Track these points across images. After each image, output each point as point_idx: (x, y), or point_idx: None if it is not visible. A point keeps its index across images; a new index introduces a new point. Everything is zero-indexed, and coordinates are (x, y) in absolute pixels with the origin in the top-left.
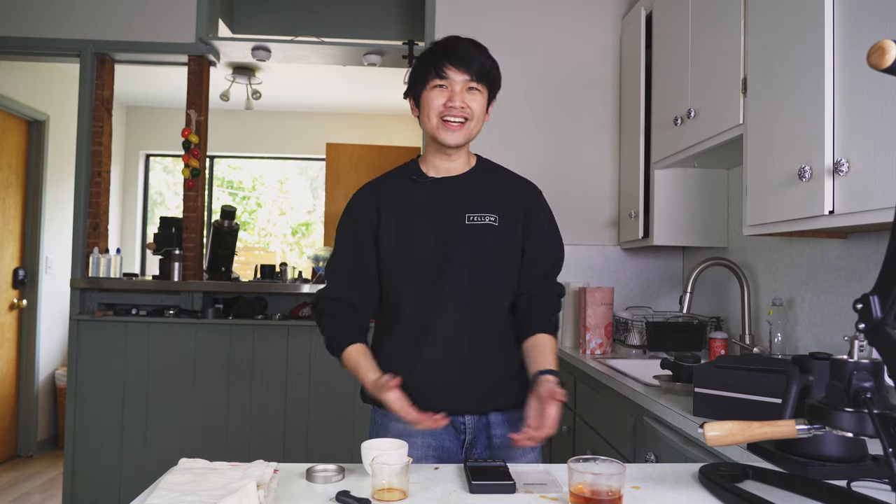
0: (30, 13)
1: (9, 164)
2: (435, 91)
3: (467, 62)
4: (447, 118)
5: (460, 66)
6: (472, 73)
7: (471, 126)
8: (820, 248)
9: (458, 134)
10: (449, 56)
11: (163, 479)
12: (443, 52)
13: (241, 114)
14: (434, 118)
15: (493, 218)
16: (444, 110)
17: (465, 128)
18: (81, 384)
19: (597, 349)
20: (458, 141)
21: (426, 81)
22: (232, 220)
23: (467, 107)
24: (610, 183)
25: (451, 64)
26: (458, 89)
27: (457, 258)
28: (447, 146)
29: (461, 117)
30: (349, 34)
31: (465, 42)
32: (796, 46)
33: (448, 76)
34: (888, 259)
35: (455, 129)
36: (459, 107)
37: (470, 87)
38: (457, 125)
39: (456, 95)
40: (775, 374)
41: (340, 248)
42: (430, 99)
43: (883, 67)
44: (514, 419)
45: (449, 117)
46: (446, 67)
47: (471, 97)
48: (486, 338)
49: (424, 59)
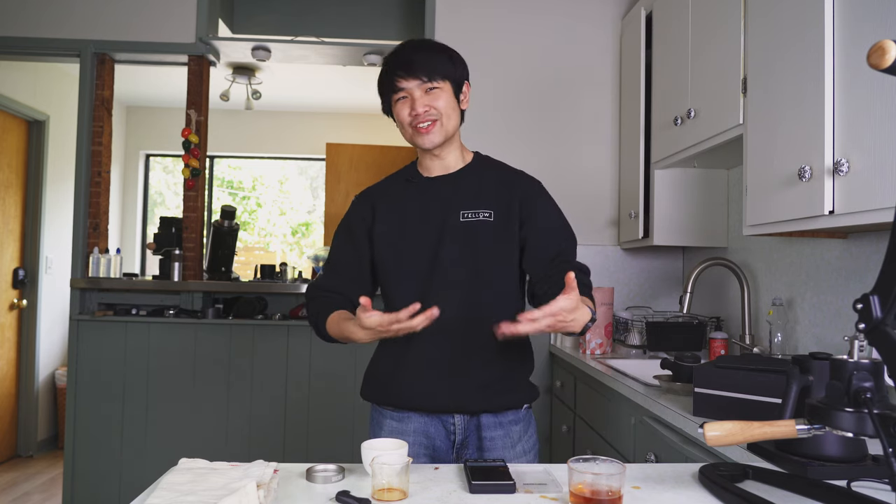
0: (30, 13)
1: (9, 164)
2: (399, 104)
3: (414, 68)
4: (417, 125)
5: (408, 73)
6: (423, 76)
7: (444, 123)
8: (820, 248)
9: (432, 135)
10: (397, 67)
11: (163, 479)
12: (393, 65)
13: (241, 114)
14: (407, 128)
15: (489, 214)
16: (411, 119)
17: (438, 126)
18: (81, 384)
19: (597, 349)
20: (436, 140)
21: (388, 97)
22: (232, 220)
23: (431, 108)
24: (610, 183)
25: (400, 74)
26: (418, 95)
27: (449, 256)
28: (427, 148)
29: (428, 120)
30: (349, 34)
31: (411, 47)
32: (796, 47)
33: (403, 87)
34: (888, 259)
35: (427, 131)
36: (423, 111)
37: (429, 89)
38: (427, 126)
39: (417, 102)
40: (775, 374)
41: (335, 245)
42: (398, 112)
43: (883, 67)
44: (508, 421)
45: (417, 123)
46: (397, 79)
47: (432, 97)
48: (480, 337)
49: (380, 77)
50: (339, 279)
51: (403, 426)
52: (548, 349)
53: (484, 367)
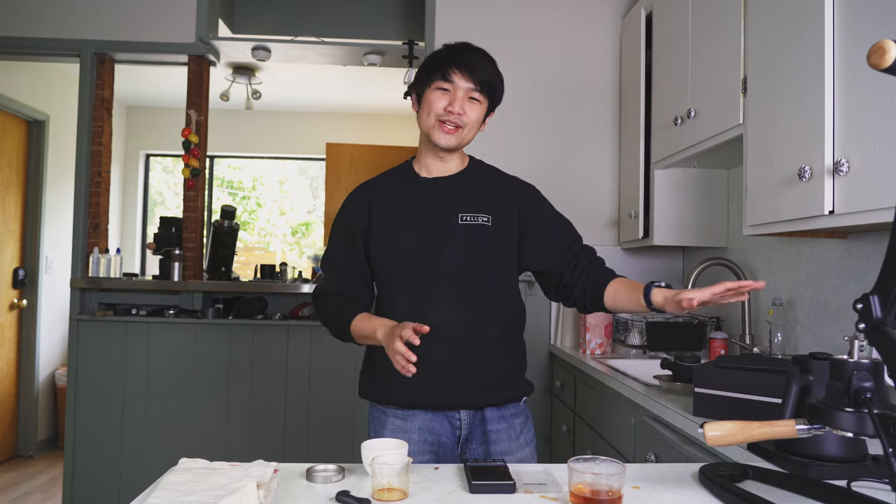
0: (29, 13)
1: (9, 164)
2: (437, 93)
3: (473, 70)
4: (443, 120)
5: (466, 72)
6: (477, 82)
7: (464, 133)
8: (820, 248)
9: (450, 137)
10: (456, 61)
11: (163, 479)
12: (451, 56)
13: (241, 114)
14: (432, 118)
15: (486, 218)
16: (442, 113)
17: (458, 133)
18: (81, 384)
19: (597, 349)
20: (450, 144)
21: (431, 81)
22: (232, 220)
23: (465, 114)
24: (610, 183)
25: (457, 69)
26: (461, 95)
27: (450, 257)
28: (438, 147)
29: (456, 123)
30: (349, 34)
31: (476, 51)
32: (796, 46)
33: (453, 80)
34: (888, 259)
35: (449, 132)
36: (458, 112)
37: (471, 97)
38: (451, 129)
39: (457, 101)
40: (775, 374)
41: (334, 245)
42: (431, 99)
43: (883, 67)
44: (510, 414)
45: (446, 120)
46: (452, 72)
47: (470, 106)
48: (481, 335)
49: (433, 59)
50: (346, 282)
51: (408, 424)
52: (548, 349)
53: (486, 364)
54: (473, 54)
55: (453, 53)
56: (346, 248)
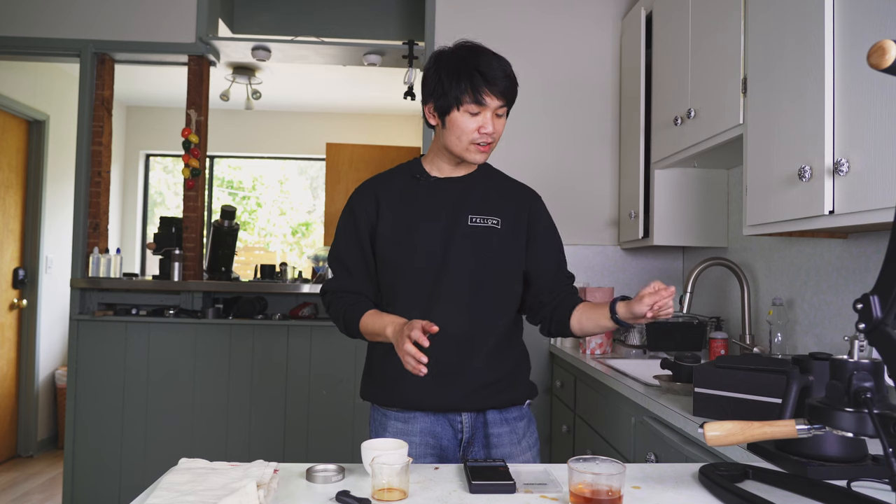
0: (29, 13)
1: (9, 164)
2: (469, 115)
3: (503, 88)
4: (478, 142)
5: (497, 93)
6: (505, 98)
7: (493, 146)
8: (820, 248)
9: (485, 155)
10: (487, 81)
11: (163, 479)
12: (481, 76)
13: (241, 114)
14: (465, 142)
15: (496, 221)
16: (477, 136)
17: (490, 148)
18: (81, 384)
19: (597, 349)
20: (485, 160)
21: (459, 102)
22: (232, 220)
23: (495, 131)
24: (610, 183)
25: (489, 90)
26: (490, 115)
27: (459, 258)
28: (473, 163)
29: (490, 141)
30: (349, 34)
31: (499, 64)
32: (796, 46)
33: (486, 103)
34: (888, 259)
35: (484, 151)
36: (491, 133)
37: (498, 113)
38: (486, 147)
39: (489, 122)
40: (775, 374)
41: (342, 241)
42: (462, 123)
43: (883, 67)
44: (512, 418)
45: (480, 141)
46: (485, 94)
47: (498, 121)
48: (485, 337)
49: (455, 73)
50: (353, 278)
51: (409, 427)
52: (548, 349)
53: (489, 366)
54: (500, 69)
55: (482, 72)
56: (353, 244)
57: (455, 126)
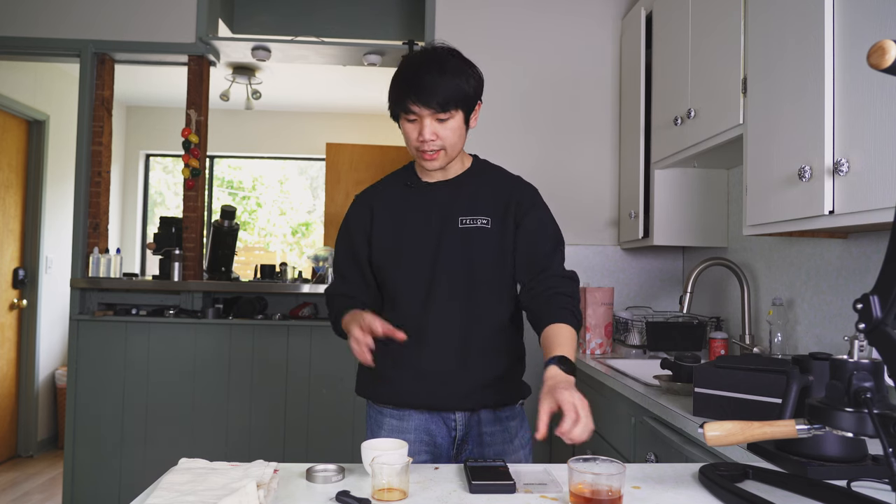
0: (29, 13)
1: (9, 164)
2: (408, 124)
3: (429, 97)
4: (422, 150)
5: (422, 102)
6: (437, 107)
7: (448, 151)
8: (820, 248)
9: (435, 162)
10: (412, 91)
11: (163, 479)
12: (407, 86)
13: (241, 114)
14: (412, 149)
15: (486, 220)
16: (417, 144)
17: (442, 154)
18: (81, 384)
19: (597, 349)
20: (437, 166)
21: (398, 110)
22: (232, 220)
23: (437, 137)
24: (610, 183)
25: (414, 101)
26: (428, 122)
27: (449, 261)
28: (429, 170)
29: (434, 148)
30: (349, 34)
31: (429, 71)
32: (796, 46)
33: (414, 111)
34: (888, 259)
35: (431, 158)
36: (430, 139)
37: (439, 119)
38: (432, 154)
39: (426, 129)
40: (775, 374)
41: (338, 250)
42: (405, 130)
43: (883, 67)
44: (505, 417)
45: (423, 149)
46: (410, 103)
47: (441, 126)
48: (479, 338)
49: (394, 86)
50: (346, 283)
51: (404, 424)
52: None
53: (483, 366)
54: (428, 78)
55: (408, 82)
56: (347, 252)
57: (403, 133)
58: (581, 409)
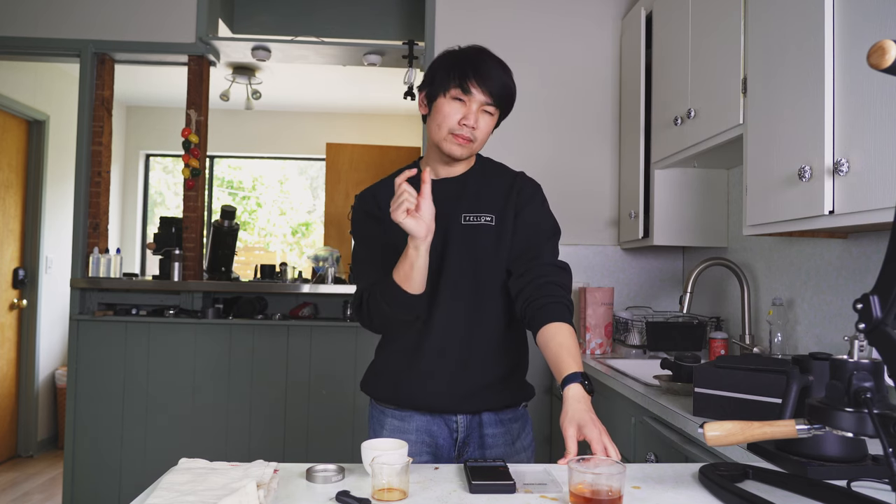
0: (29, 13)
1: (9, 164)
2: (453, 104)
3: (492, 83)
4: (456, 133)
5: (485, 85)
6: (493, 96)
7: (474, 145)
8: (820, 248)
9: (463, 149)
10: (477, 72)
11: (163, 479)
12: (471, 66)
13: (241, 114)
14: (444, 129)
15: (490, 218)
16: (456, 126)
17: (470, 145)
18: (81, 384)
19: (597, 349)
20: (462, 155)
21: (446, 88)
22: (232, 220)
23: (478, 127)
24: (610, 183)
25: (476, 81)
26: (475, 108)
27: (454, 259)
28: (451, 157)
29: (469, 137)
30: (349, 34)
31: (494, 61)
32: (796, 46)
33: (471, 92)
34: (888, 259)
35: (462, 144)
36: (472, 126)
37: (485, 109)
38: (464, 140)
39: (471, 115)
40: (775, 374)
41: (358, 245)
42: (445, 110)
43: (883, 67)
44: (507, 419)
45: (458, 133)
46: (471, 83)
47: (483, 118)
48: (482, 338)
49: (450, 64)
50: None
51: (405, 425)
52: None
53: (486, 368)
54: (493, 65)
55: (474, 63)
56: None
57: (438, 112)
58: (608, 444)
